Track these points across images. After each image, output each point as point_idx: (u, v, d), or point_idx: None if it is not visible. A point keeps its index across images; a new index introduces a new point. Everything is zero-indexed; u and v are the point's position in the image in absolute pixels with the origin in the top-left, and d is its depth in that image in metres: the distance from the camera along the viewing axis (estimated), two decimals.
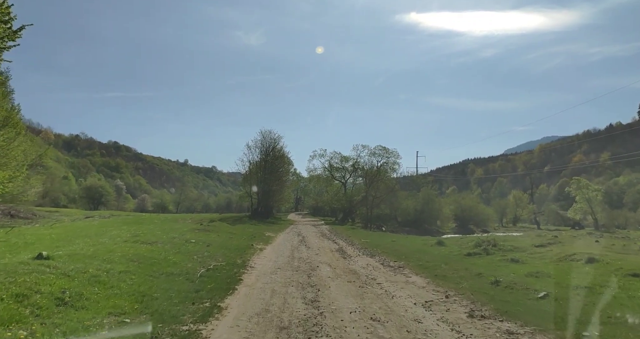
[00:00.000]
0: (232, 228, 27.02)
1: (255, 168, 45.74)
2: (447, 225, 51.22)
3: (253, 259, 13.57)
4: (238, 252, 14.82)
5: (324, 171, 55.90)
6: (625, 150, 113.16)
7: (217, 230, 24.21)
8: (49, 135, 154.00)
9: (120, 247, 12.89)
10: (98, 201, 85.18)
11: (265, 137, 45.18)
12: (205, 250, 14.26)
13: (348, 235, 28.09)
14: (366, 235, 28.33)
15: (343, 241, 23.04)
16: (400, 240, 22.38)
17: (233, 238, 20.27)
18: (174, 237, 17.02)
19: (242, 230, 26.79)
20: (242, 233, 24.42)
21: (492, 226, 60.33)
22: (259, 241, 20.39)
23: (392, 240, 22.24)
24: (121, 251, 11.39)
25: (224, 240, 18.49)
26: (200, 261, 11.77)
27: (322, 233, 29.19)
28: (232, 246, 16.47)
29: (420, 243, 18.93)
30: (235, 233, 24.30)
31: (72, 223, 34.07)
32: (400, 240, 21.85)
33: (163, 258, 11.26)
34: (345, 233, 29.23)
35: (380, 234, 30.57)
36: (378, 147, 50.34)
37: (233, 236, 21.49)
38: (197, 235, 19.93)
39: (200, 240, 16.84)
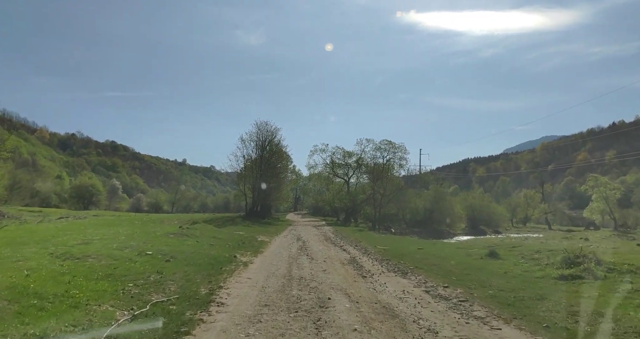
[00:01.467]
0: (218, 232, 22.14)
1: (250, 164, 40.93)
2: (458, 226, 46.45)
3: (228, 284, 8.72)
4: (210, 271, 9.96)
5: (325, 168, 51.04)
6: (632, 148, 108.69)
7: (198, 234, 19.36)
8: (44, 134, 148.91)
9: (27, 264, 8.15)
10: (89, 201, 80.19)
11: (261, 129, 40.39)
12: (159, 268, 9.41)
13: (357, 238, 23.26)
14: (378, 238, 23.52)
15: (353, 247, 18.23)
16: (426, 246, 17.55)
17: (214, 246, 15.42)
18: (127, 246, 12.21)
19: (229, 234, 21.93)
20: (228, 238, 19.57)
21: (503, 227, 55.53)
22: (246, 249, 15.54)
23: (417, 247, 17.41)
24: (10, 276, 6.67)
25: (199, 250, 13.65)
26: (133, 295, 6.91)
27: (325, 237, 24.37)
28: (206, 259, 11.61)
29: (461, 254, 13.99)
30: (220, 238, 19.45)
31: (37, 224, 29.25)
32: (427, 247, 17.01)
33: (64, 291, 6.42)
34: (353, 237, 24.40)
35: (394, 238, 25.78)
36: (384, 141, 45.63)
37: (215, 243, 16.64)
38: (165, 242, 15.09)
39: (162, 251, 11.99)
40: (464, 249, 15.69)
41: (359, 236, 24.67)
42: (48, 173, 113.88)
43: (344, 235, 25.54)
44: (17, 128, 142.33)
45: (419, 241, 23.30)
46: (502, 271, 9.88)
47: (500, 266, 10.88)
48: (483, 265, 11.21)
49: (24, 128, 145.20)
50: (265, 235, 23.98)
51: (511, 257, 12.60)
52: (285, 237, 23.46)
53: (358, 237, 24.19)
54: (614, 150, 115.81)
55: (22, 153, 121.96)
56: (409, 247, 17.22)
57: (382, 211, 43.55)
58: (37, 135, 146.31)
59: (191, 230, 20.17)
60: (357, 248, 18.11)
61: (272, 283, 9.12)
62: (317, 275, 10.63)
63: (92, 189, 79.83)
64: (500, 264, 11.19)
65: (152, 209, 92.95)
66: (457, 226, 45.98)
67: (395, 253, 15.25)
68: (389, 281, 9.96)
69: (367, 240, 22.35)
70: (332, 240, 22.15)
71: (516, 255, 12.92)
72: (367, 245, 19.09)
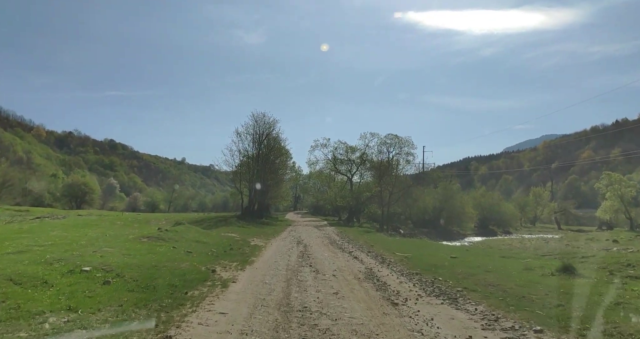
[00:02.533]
0: (205, 234, 18.64)
1: (246, 160, 37.43)
2: (468, 226, 43.09)
3: (185, 329, 5.23)
4: (165, 300, 6.45)
5: (326, 164, 47.46)
6: (637, 146, 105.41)
7: (178, 237, 15.87)
8: (40, 132, 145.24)
9: None
10: (81, 200, 76.62)
11: (258, 121, 36.81)
12: (77, 300, 5.93)
13: (366, 241, 19.78)
14: (392, 242, 20.05)
15: (366, 254, 14.76)
16: (457, 252, 13.94)
17: (192, 255, 11.92)
18: (63, 259, 8.71)
19: (217, 237, 18.42)
20: (215, 243, 16.07)
21: (513, 227, 52.13)
22: (233, 258, 12.03)
23: (446, 253, 13.86)
24: None
25: (167, 261, 10.17)
26: None
27: (330, 239, 20.89)
28: (169, 278, 8.05)
29: (515, 266, 9.95)
30: (204, 242, 15.96)
31: (4, 225, 25.81)
32: (461, 254, 13.39)
33: None
34: (362, 239, 20.90)
35: (410, 241, 22.26)
36: (389, 135, 42.05)
37: (195, 250, 13.15)
38: (130, 249, 11.62)
39: (109, 265, 8.49)
40: (513, 258, 12.14)
41: (369, 239, 21.18)
42: (43, 171, 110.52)
43: (351, 237, 22.05)
44: (14, 126, 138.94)
45: (443, 245, 19.71)
46: (612, 301, 6.40)
47: (594, 289, 7.36)
48: (564, 286, 7.72)
49: (20, 127, 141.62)
50: (260, 238, 20.51)
51: (591, 272, 9.05)
52: (284, 240, 19.99)
53: (367, 240, 20.71)
54: (619, 148, 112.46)
55: (17, 151, 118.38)
56: (436, 254, 13.70)
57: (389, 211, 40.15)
58: (34, 133, 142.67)
59: (171, 232, 16.67)
60: (371, 254, 14.63)
61: (258, 323, 5.64)
62: (327, 301, 7.15)
63: (85, 188, 76.25)
64: (591, 286, 7.66)
65: (148, 208, 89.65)
66: (467, 226, 42.62)
67: (422, 262, 11.78)
68: (435, 314, 6.48)
69: (379, 243, 18.86)
70: (338, 244, 18.68)
71: (597, 269, 9.40)
72: (381, 251, 15.60)
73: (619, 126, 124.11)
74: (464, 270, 10.05)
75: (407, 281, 9.40)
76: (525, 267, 9.95)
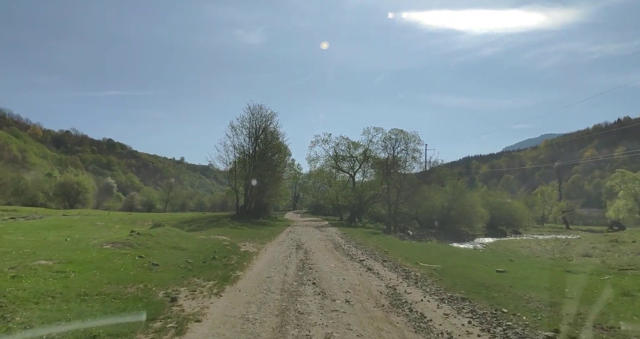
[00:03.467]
0: (186, 239, 15.61)
1: (242, 155, 34.44)
2: (478, 226, 40.05)
3: None
4: None
5: (327, 161, 44.40)
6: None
7: (151, 243, 12.87)
8: (37, 131, 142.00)
9: None
10: (74, 199, 73.50)
11: (255, 114, 33.76)
12: None
13: (377, 246, 16.76)
14: (407, 246, 17.00)
15: (381, 263, 11.76)
16: (504, 264, 10.81)
17: (156, 269, 8.91)
18: None
19: (201, 242, 15.37)
20: (196, 249, 13.05)
21: (523, 227, 49.09)
22: (211, 273, 9.00)
23: (487, 264, 10.77)
24: None
25: (111, 282, 7.17)
26: None
27: (334, 243, 17.89)
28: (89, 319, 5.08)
29: (594, 284, 7.23)
30: (183, 249, 12.95)
31: None
32: (510, 267, 10.30)
33: None
34: (371, 243, 17.89)
35: (430, 246, 19.13)
36: (394, 130, 39.04)
37: (165, 261, 10.14)
38: (77, 260, 8.61)
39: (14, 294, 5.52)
40: (579, 273, 9.15)
41: (379, 243, 18.16)
42: (38, 170, 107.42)
43: (358, 241, 19.03)
44: (9, 125, 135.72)
45: (472, 252, 16.40)
46: None
47: None
48: None
49: (16, 125, 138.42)
50: (254, 241, 17.51)
51: None
52: (281, 244, 16.97)
53: (378, 243, 17.70)
54: (622, 147, 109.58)
55: (11, 150, 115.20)
56: (473, 266, 10.67)
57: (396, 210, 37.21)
58: (30, 132, 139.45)
59: (144, 237, 13.65)
60: (388, 264, 11.63)
61: None
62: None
63: (78, 187, 73.12)
64: None
65: (145, 208, 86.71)
66: (477, 226, 39.60)
67: (461, 279, 8.78)
68: None
69: (393, 248, 15.85)
70: (344, 249, 15.68)
71: None
72: (399, 259, 12.60)
73: (622, 124, 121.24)
74: (532, 294, 7.04)
75: (455, 313, 6.41)
76: (623, 292, 6.97)
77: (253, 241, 17.77)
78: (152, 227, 17.51)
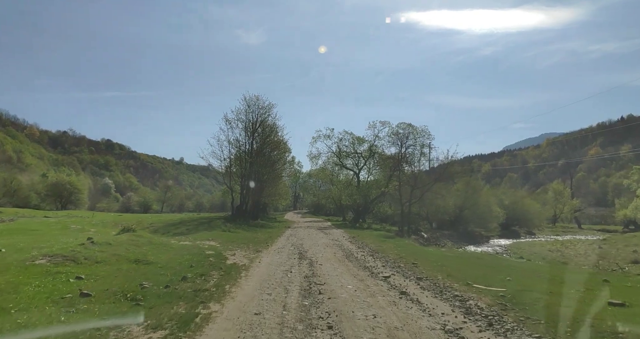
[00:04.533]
0: (157, 248, 12.26)
1: (237, 151, 31.14)
2: (494, 227, 36.76)
3: None
4: None
5: (330, 158, 41.01)
6: None
7: (104, 256, 9.55)
8: (33, 131, 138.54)
9: None
10: (67, 200, 70.07)
11: (251, 105, 30.42)
12: None
13: (399, 254, 13.44)
14: (437, 256, 13.57)
15: (415, 283, 8.44)
16: (593, 284, 7.34)
17: (79, 305, 5.68)
18: None
19: (178, 252, 11.98)
20: (163, 265, 9.67)
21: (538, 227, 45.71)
22: (169, 307, 5.74)
23: (592, 294, 7.33)
24: None
25: None
26: None
27: (344, 250, 14.57)
28: None
29: None
30: (148, 262, 9.61)
31: None
32: (621, 295, 6.87)
33: None
34: (390, 250, 14.54)
35: (472, 257, 15.66)
36: (402, 124, 35.71)
37: (108, 285, 6.85)
38: None
39: None
40: None
41: (398, 249, 14.83)
42: (33, 171, 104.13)
43: (373, 247, 15.68)
44: (6, 126, 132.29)
45: (528, 265, 12.30)
46: None
47: None
48: None
49: (13, 126, 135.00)
50: (247, 248, 14.20)
51: None
52: (280, 252, 13.64)
53: (397, 251, 14.36)
54: (628, 144, 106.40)
55: (6, 150, 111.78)
56: (556, 290, 7.34)
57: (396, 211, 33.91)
58: (27, 133, 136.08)
59: (100, 246, 10.32)
60: (427, 285, 8.30)
61: None
62: None
63: (71, 187, 69.66)
64: None
65: (142, 208, 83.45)
66: (492, 227, 36.30)
67: (564, 320, 5.49)
68: None
69: (421, 258, 12.51)
70: (358, 259, 12.37)
71: None
72: (438, 275, 9.28)
73: (627, 122, 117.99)
74: None
75: None
76: None
77: (246, 248, 14.46)
78: (118, 233, 14.17)
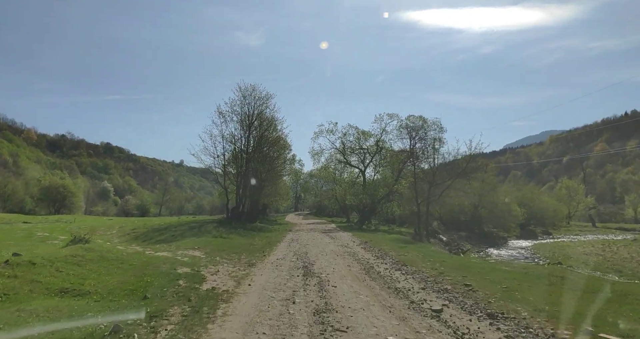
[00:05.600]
0: (111, 265, 8.90)
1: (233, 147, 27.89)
2: (513, 227, 33.42)
3: None
4: None
5: (333, 155, 37.70)
6: None
7: (18, 283, 6.31)
8: (31, 135, 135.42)
9: None
10: (60, 204, 66.81)
11: (247, 96, 27.14)
12: None
13: (437, 269, 10.13)
14: (490, 271, 10.06)
15: (491, 326, 5.23)
16: None
17: None
18: None
19: (136, 272, 8.62)
20: (103, 296, 6.45)
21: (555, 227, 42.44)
22: None
23: None
24: None
25: None
26: None
27: (360, 261, 11.26)
28: None
29: None
30: (83, 294, 6.32)
31: None
32: None
33: None
34: (420, 262, 11.24)
35: (542, 272, 11.99)
36: (412, 117, 32.34)
37: None
38: None
39: None
40: None
41: (427, 259, 11.54)
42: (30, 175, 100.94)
43: (395, 257, 12.36)
44: (3, 130, 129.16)
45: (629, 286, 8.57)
46: None
47: None
48: None
49: (10, 130, 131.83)
50: (238, 260, 10.93)
51: None
52: (279, 266, 10.32)
53: (431, 262, 11.07)
54: (635, 140, 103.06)
55: (2, 153, 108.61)
56: None
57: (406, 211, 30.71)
58: (24, 136, 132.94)
59: (21, 269, 7.06)
60: (514, 329, 5.09)
61: None
62: None
63: (64, 190, 66.42)
64: None
65: (139, 212, 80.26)
66: (511, 227, 32.96)
67: None
68: None
69: (470, 274, 9.19)
70: (382, 274, 9.09)
71: None
72: (521, 310, 6.02)
73: (633, 117, 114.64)
74: None
75: None
76: None
77: (237, 260, 11.19)
78: (66, 245, 10.90)
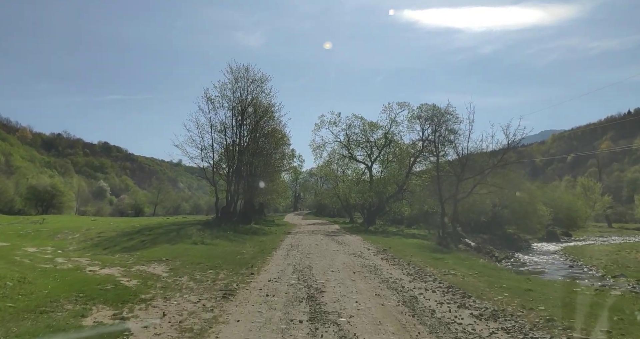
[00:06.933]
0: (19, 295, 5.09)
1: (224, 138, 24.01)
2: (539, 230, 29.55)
3: None
4: None
5: (337, 149, 33.78)
6: None
7: None
8: (26, 134, 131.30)
9: None
10: (48, 204, 62.75)
11: (239, 79, 23.18)
12: None
13: (515, 302, 6.34)
14: (587, 298, 6.39)
15: None
16: None
17: None
18: None
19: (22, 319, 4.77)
20: None
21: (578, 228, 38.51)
22: None
23: None
24: None
25: None
26: None
27: (388, 284, 7.43)
28: None
29: None
30: None
31: None
32: None
33: None
34: (478, 285, 7.45)
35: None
36: (424, 106, 28.51)
37: None
38: None
39: None
40: None
41: (484, 276, 7.65)
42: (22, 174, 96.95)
43: (443, 278, 8.46)
44: None
45: None
46: None
47: None
48: None
49: (4, 128, 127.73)
50: (211, 284, 7.05)
51: None
52: (270, 297, 6.45)
53: (498, 288, 7.19)
54: None
55: None
56: None
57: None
58: (19, 135, 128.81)
59: None
60: None
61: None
62: None
63: (52, 190, 62.42)
64: None
65: (134, 211, 76.40)
66: (536, 228, 29.10)
67: None
68: None
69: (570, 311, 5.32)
70: (441, 319, 5.26)
71: None
72: None
73: (637, 114, 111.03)
74: None
75: None
76: None
77: (210, 282, 7.31)
78: None
